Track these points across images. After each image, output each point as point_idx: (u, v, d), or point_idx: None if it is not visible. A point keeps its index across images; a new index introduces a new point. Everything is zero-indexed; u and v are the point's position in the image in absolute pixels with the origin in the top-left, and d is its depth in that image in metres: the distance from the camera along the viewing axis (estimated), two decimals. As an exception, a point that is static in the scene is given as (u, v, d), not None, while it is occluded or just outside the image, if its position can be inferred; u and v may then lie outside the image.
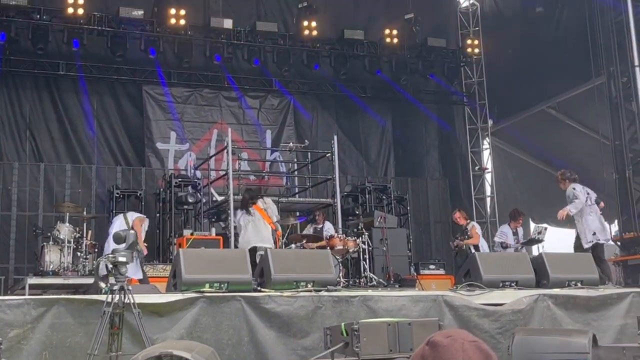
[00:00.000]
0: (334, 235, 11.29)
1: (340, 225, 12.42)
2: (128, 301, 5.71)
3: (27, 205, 14.11)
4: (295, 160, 15.59)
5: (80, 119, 15.14)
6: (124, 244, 6.16)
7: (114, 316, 5.69)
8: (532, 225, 16.45)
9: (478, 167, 17.78)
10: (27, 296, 7.39)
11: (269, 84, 16.46)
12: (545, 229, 12.83)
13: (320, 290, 7.17)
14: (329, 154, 13.04)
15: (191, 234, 12.13)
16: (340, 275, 9.92)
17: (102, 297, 5.85)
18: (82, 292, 9.21)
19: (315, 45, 16.00)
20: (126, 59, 14.87)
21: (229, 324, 6.62)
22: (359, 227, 12.24)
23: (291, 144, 14.56)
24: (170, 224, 13.50)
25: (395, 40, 16.34)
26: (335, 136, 13.47)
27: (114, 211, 13.56)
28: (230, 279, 7.03)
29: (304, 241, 10.88)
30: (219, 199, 13.30)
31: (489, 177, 17.95)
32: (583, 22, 14.95)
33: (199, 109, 16.05)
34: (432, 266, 14.20)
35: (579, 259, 9.55)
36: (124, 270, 5.84)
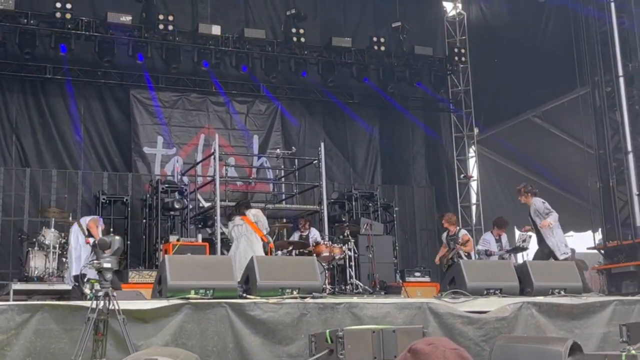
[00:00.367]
0: (320, 242, 11.32)
1: (326, 232, 12.44)
2: (113, 307, 5.70)
3: (13, 210, 14.03)
4: (282, 166, 15.61)
5: (67, 124, 15.09)
6: (109, 250, 6.14)
7: (98, 322, 5.66)
8: (517, 233, 16.53)
9: (464, 175, 17.87)
10: (11, 302, 7.34)
11: (256, 89, 16.49)
12: (530, 237, 12.86)
13: (305, 297, 7.18)
14: (316, 161, 13.07)
15: (177, 240, 12.11)
16: (326, 282, 9.95)
17: (87, 304, 5.83)
18: (67, 298, 9.17)
19: (303, 52, 16.03)
20: (114, 64, 14.85)
21: (214, 330, 6.61)
22: (345, 234, 12.26)
23: (278, 150, 14.59)
24: (157, 229, 13.47)
25: (382, 48, 16.40)
26: (322, 143, 13.51)
27: (100, 217, 13.50)
28: (216, 286, 7.03)
29: (290, 248, 10.91)
30: (206, 205, 13.30)
31: (474, 185, 18.05)
32: (568, 33, 15.11)
33: (186, 113, 16.02)
34: (418, 273, 14.24)
35: (562, 268, 9.62)
36: (108, 276, 5.83)
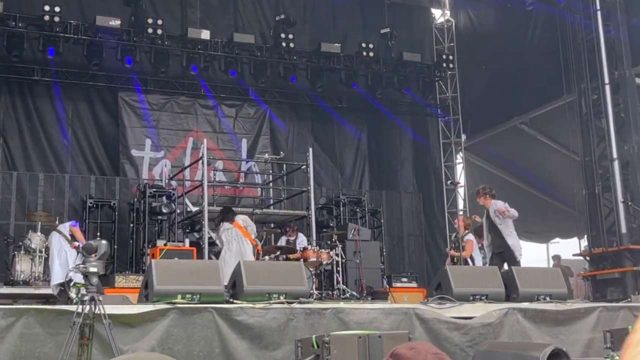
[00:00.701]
0: (307, 247, 11.34)
1: (314, 237, 12.46)
2: (99, 312, 5.68)
3: (-1, 213, 13.98)
4: (270, 171, 15.61)
5: (54, 127, 15.02)
6: (95, 254, 6.13)
7: (84, 327, 5.65)
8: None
9: (451, 182, 17.92)
10: (-3, 306, 7.32)
11: (245, 93, 16.49)
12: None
13: (292, 302, 7.20)
14: (304, 166, 13.10)
15: (164, 245, 12.10)
16: (313, 287, 9.96)
17: (72, 308, 5.81)
18: (52, 302, 9.14)
19: (292, 57, 16.06)
20: (102, 67, 14.80)
21: (201, 335, 6.62)
22: (333, 240, 12.28)
23: (267, 155, 14.61)
24: (144, 234, 13.44)
25: (371, 54, 16.45)
26: (310, 148, 13.54)
27: (87, 221, 13.50)
28: (203, 290, 7.03)
29: (278, 253, 10.92)
30: (194, 209, 13.30)
31: (461, 192, 18.11)
32: (555, 40, 15.23)
33: (174, 116, 16.00)
34: (405, 279, 14.29)
35: (548, 274, 9.69)
36: (94, 280, 5.82)
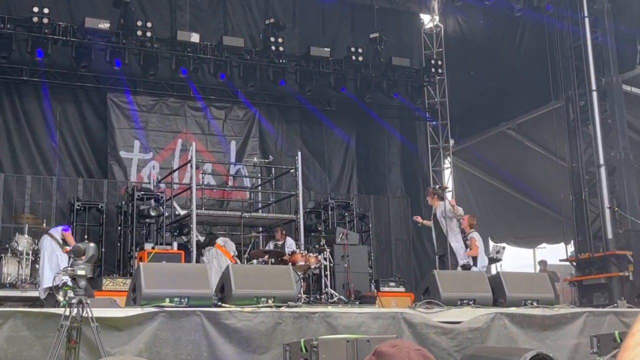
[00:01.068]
0: (295, 251, 11.35)
1: (302, 241, 12.46)
2: (86, 315, 5.66)
3: (-15, 215, 13.89)
4: (259, 175, 15.61)
5: (42, 129, 14.96)
6: (83, 257, 6.11)
7: (71, 330, 5.63)
8: (491, 244, 16.71)
9: (439, 186, 17.94)
10: (-17, 308, 7.28)
11: (234, 96, 16.47)
12: (504, 248, 13.05)
13: (280, 306, 7.20)
14: (293, 170, 13.11)
15: (152, 248, 12.07)
16: (301, 291, 9.97)
17: (60, 311, 5.79)
18: (39, 305, 9.10)
19: (281, 61, 16.07)
20: (91, 69, 14.76)
21: (189, 339, 6.60)
22: (321, 244, 12.29)
23: (255, 159, 14.60)
24: (132, 237, 13.39)
25: (360, 58, 16.49)
26: (299, 152, 13.55)
27: (75, 223, 13.44)
28: (191, 294, 7.02)
29: (266, 257, 10.92)
30: (182, 212, 13.27)
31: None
32: (543, 47, 15.35)
33: (163, 118, 15.95)
34: (392, 283, 14.31)
35: (535, 279, 9.74)
36: (82, 283, 5.80)
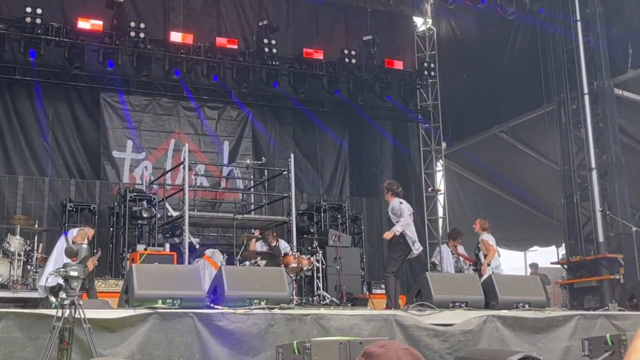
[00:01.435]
0: (288, 253, 11.37)
1: (294, 243, 12.47)
2: (78, 316, 5.66)
3: (-23, 216, 13.83)
4: (251, 177, 15.60)
5: (34, 130, 14.92)
6: (76, 258, 6.10)
7: (63, 331, 5.62)
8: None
9: (431, 189, 18.02)
10: (-25, 309, 7.25)
11: (227, 96, 16.45)
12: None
13: (273, 308, 7.20)
14: (286, 172, 13.12)
15: (145, 249, 12.05)
16: (293, 293, 9.98)
17: (52, 312, 5.79)
18: (32, 306, 9.06)
19: (274, 63, 16.07)
20: (84, 70, 14.73)
21: (181, 340, 6.60)
22: (314, 246, 12.30)
23: (248, 160, 14.60)
24: (124, 238, 13.36)
25: (353, 60, 16.52)
26: (292, 154, 13.56)
27: (67, 224, 13.40)
28: (183, 296, 7.02)
29: (258, 258, 10.93)
30: (174, 214, 13.26)
31: (441, 199, 18.20)
32: (535, 50, 15.41)
33: (156, 118, 15.93)
34: (384, 286, 14.29)
35: (526, 282, 9.78)
36: (75, 284, 5.79)
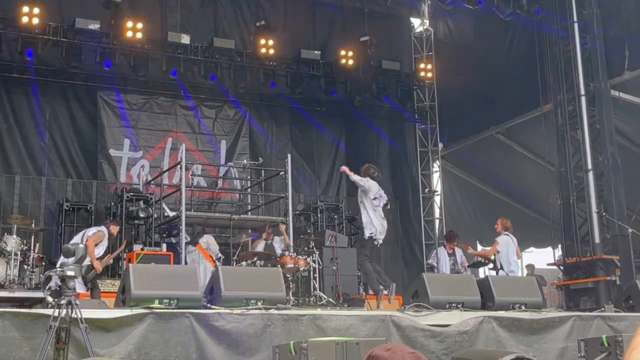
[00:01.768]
0: (284, 254, 11.35)
1: (291, 244, 12.47)
2: (75, 316, 5.66)
3: (-26, 215, 13.80)
4: (248, 177, 15.61)
5: (31, 129, 14.91)
6: (73, 258, 6.10)
7: (60, 331, 5.62)
8: (479, 248, 16.74)
9: (428, 190, 18.02)
10: (-29, 309, 7.24)
11: (224, 97, 16.46)
12: (492, 252, 13.04)
13: (270, 308, 7.21)
14: (283, 172, 13.12)
15: (141, 249, 12.04)
16: (290, 293, 9.97)
17: (49, 311, 5.79)
18: (28, 306, 9.06)
19: (271, 63, 16.08)
20: (81, 69, 14.72)
21: (178, 340, 6.60)
22: (310, 246, 12.29)
23: (245, 161, 14.60)
24: (121, 238, 13.34)
25: (350, 61, 16.52)
26: (289, 155, 13.56)
27: (64, 224, 13.39)
28: (180, 296, 7.03)
29: (255, 258, 10.91)
30: (171, 214, 13.25)
31: (438, 200, 18.20)
32: (532, 51, 15.44)
33: (154, 116, 15.94)
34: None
35: (523, 283, 9.81)
36: (72, 284, 5.79)
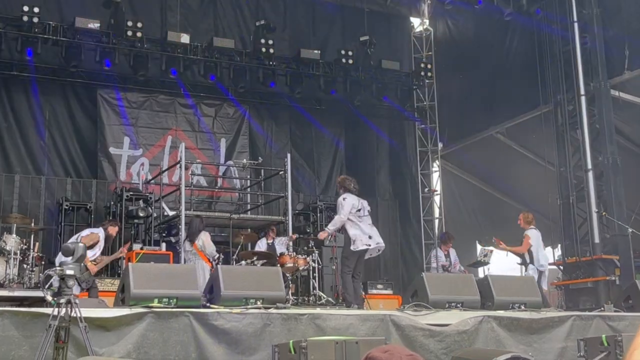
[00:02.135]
0: (284, 253, 11.36)
1: (291, 243, 12.47)
2: (75, 315, 5.65)
3: (-26, 214, 13.79)
4: (248, 176, 15.61)
5: (31, 128, 14.90)
6: (72, 257, 6.10)
7: (59, 330, 5.62)
8: (479, 247, 16.75)
9: (427, 189, 18.03)
10: (-30, 308, 7.24)
11: (224, 95, 16.46)
12: (491, 251, 13.03)
13: (269, 308, 7.21)
14: (282, 172, 13.12)
15: (141, 249, 12.05)
16: (289, 292, 9.98)
17: (48, 310, 5.79)
18: (28, 305, 9.05)
19: (271, 63, 16.08)
20: (81, 69, 14.72)
21: (177, 339, 6.60)
22: (310, 246, 12.30)
23: (245, 160, 14.61)
24: (120, 237, 13.34)
25: (350, 61, 16.51)
26: (288, 154, 13.56)
27: (63, 223, 13.39)
28: (179, 295, 7.03)
29: (255, 258, 10.92)
30: (170, 213, 13.25)
31: (437, 200, 18.21)
32: (532, 51, 15.44)
33: (153, 114, 15.92)
34: (380, 286, 14.33)
35: (522, 283, 9.80)
36: (71, 283, 5.79)
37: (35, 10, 13.62)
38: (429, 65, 17.76)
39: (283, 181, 13.29)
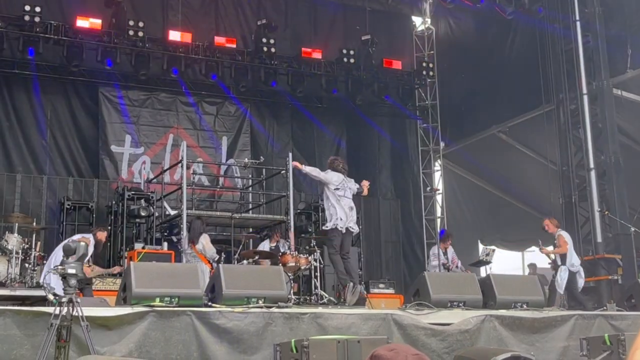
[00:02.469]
0: (286, 252, 11.34)
1: (292, 243, 12.46)
2: (76, 314, 5.65)
3: (-24, 214, 13.80)
4: (250, 175, 15.60)
5: (33, 127, 14.91)
6: (74, 256, 6.09)
7: (61, 329, 5.62)
8: (481, 246, 16.76)
9: (429, 188, 18.01)
10: (-28, 307, 7.23)
11: (226, 95, 16.45)
12: (493, 250, 13.03)
13: (271, 307, 7.21)
14: (284, 171, 13.11)
15: (143, 248, 12.04)
16: (291, 292, 9.96)
17: (50, 309, 5.79)
18: (29, 304, 9.04)
19: (273, 62, 16.06)
20: (82, 68, 14.73)
21: (179, 338, 6.60)
22: (311, 245, 12.29)
23: (246, 159, 14.59)
24: (122, 236, 13.35)
25: (352, 60, 16.50)
26: (290, 153, 13.55)
27: (65, 223, 13.38)
28: (181, 294, 7.02)
29: (257, 257, 10.90)
30: (172, 212, 13.24)
31: (439, 199, 18.17)
32: (534, 50, 15.42)
33: (155, 113, 15.93)
34: (382, 285, 14.33)
35: (525, 282, 9.80)
36: (73, 282, 5.79)
37: (37, 9, 13.64)
38: (431, 64, 17.73)
39: (285, 180, 13.27)
